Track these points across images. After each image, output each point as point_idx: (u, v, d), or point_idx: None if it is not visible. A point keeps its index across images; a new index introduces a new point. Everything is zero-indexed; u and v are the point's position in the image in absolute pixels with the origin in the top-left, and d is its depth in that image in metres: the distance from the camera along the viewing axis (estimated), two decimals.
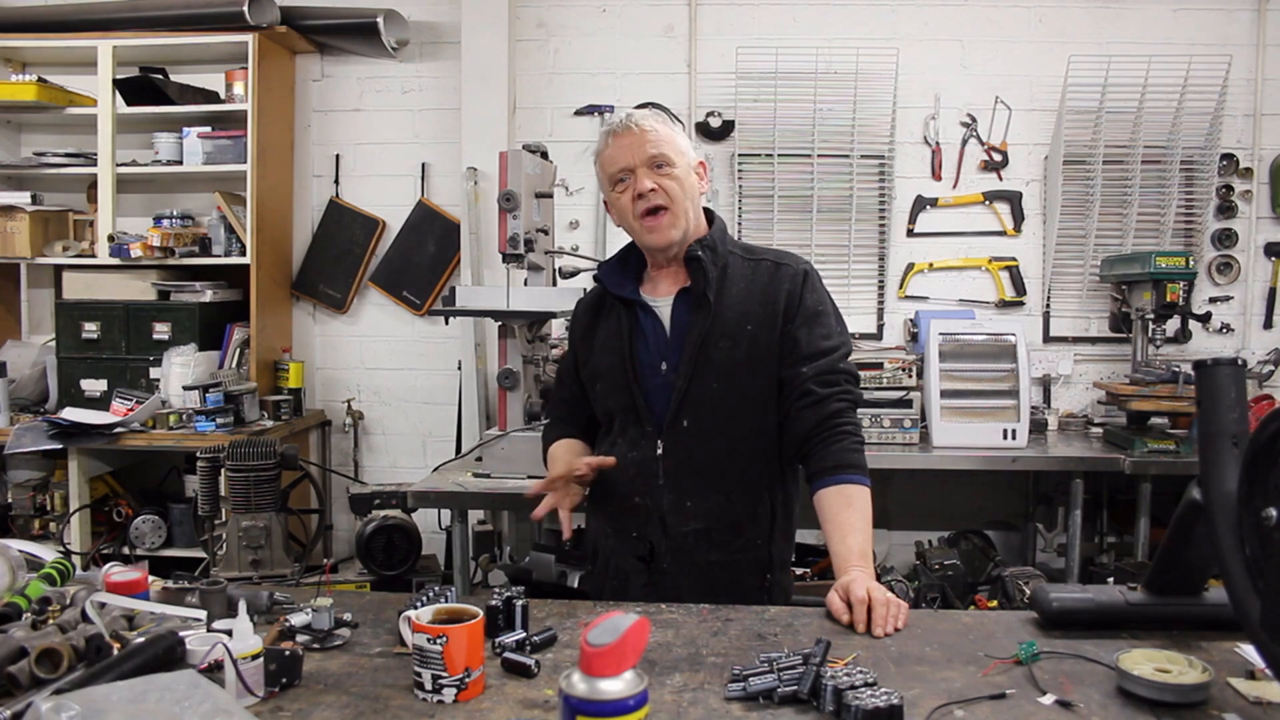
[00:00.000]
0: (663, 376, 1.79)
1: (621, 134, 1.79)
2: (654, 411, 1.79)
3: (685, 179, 1.79)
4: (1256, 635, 1.13)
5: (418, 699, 1.23)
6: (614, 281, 1.88)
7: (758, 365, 1.77)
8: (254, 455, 2.94)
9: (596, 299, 1.96)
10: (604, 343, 1.88)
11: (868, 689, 1.16)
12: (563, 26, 4.06)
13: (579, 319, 2.00)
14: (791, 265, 1.84)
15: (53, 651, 1.23)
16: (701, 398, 1.76)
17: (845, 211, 3.94)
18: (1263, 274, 3.94)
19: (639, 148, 1.77)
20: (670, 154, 1.78)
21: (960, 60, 3.97)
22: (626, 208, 1.79)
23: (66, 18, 3.96)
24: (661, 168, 1.77)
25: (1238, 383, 1.26)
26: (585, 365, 1.93)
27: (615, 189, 1.81)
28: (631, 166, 1.77)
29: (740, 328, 1.77)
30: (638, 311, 1.85)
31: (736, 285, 1.81)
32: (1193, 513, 1.30)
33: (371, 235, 4.14)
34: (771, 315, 1.78)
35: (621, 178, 1.79)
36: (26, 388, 3.97)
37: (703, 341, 1.76)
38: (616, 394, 1.84)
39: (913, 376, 3.43)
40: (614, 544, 1.84)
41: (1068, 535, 3.40)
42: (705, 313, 1.77)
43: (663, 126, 1.80)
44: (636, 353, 1.82)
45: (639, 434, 1.81)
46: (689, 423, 1.77)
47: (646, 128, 1.78)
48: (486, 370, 3.88)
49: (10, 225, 3.89)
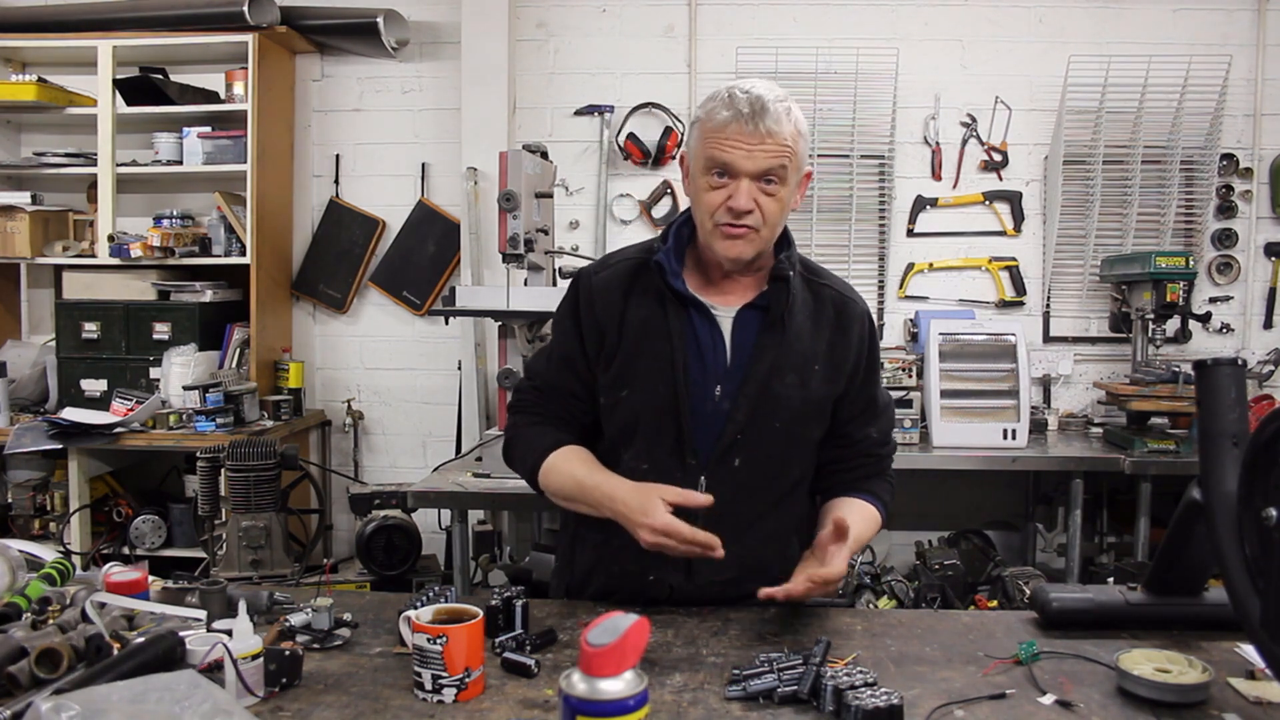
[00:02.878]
0: (715, 404, 1.54)
1: (746, 124, 1.45)
2: (699, 442, 1.54)
3: (789, 200, 1.52)
4: (1256, 635, 1.13)
5: (418, 699, 1.23)
6: (673, 270, 1.56)
7: (821, 408, 1.60)
8: (254, 455, 2.94)
9: (629, 273, 1.60)
10: (640, 339, 1.56)
11: (868, 689, 1.16)
12: (563, 26, 4.06)
13: (600, 294, 1.60)
14: (858, 304, 1.64)
15: (53, 651, 1.23)
16: (760, 437, 1.54)
17: (845, 211, 3.94)
18: (1263, 274, 3.94)
19: (758, 155, 1.46)
20: (789, 169, 1.49)
21: (960, 60, 3.97)
22: (710, 205, 1.50)
23: (66, 18, 3.95)
24: (771, 183, 1.48)
25: (1238, 383, 1.26)
26: (609, 361, 1.59)
27: (708, 174, 1.50)
28: (740, 171, 1.47)
29: (808, 365, 1.56)
30: (691, 313, 1.56)
31: (801, 312, 1.58)
32: (1193, 513, 1.30)
33: (371, 235, 4.14)
34: (839, 361, 1.59)
35: (721, 172, 1.49)
36: (26, 388, 3.97)
37: (770, 373, 1.53)
38: (653, 411, 1.55)
39: (913, 376, 3.43)
40: (618, 584, 1.60)
41: (1068, 535, 3.41)
42: (776, 340, 1.54)
43: (792, 125, 1.48)
44: (689, 367, 1.54)
45: (675, 466, 1.55)
46: (740, 462, 1.54)
47: (778, 129, 1.46)
48: (486, 370, 3.87)
49: (10, 225, 3.89)
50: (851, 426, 1.65)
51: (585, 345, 1.61)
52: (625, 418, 1.59)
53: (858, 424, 1.65)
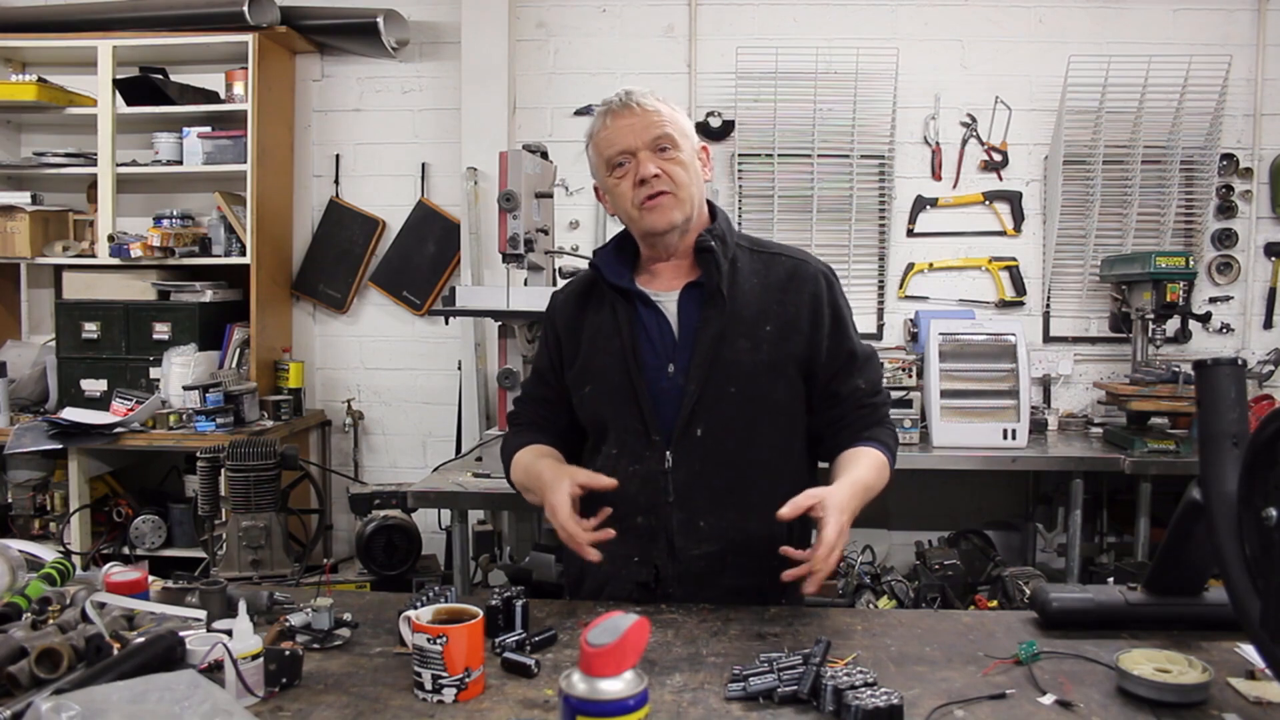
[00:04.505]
0: (669, 379, 1.60)
1: (621, 113, 1.60)
2: (661, 419, 1.60)
3: (691, 164, 1.62)
4: (1256, 635, 1.13)
5: (418, 699, 1.22)
6: (611, 270, 1.67)
7: (780, 369, 1.62)
8: (254, 455, 2.93)
9: (583, 288, 1.75)
10: (595, 339, 1.68)
11: (868, 689, 1.16)
12: (563, 26, 4.06)
13: (560, 309, 1.77)
14: (811, 264, 1.69)
15: (53, 651, 1.23)
16: (717, 404, 1.59)
17: (845, 211, 3.94)
18: (1263, 274, 3.94)
19: (641, 128, 1.58)
20: (675, 136, 1.60)
21: (960, 60, 3.97)
22: (625, 194, 1.61)
23: (66, 18, 3.96)
24: (665, 150, 1.59)
25: (1238, 383, 1.26)
26: (570, 364, 1.72)
27: (613, 174, 1.62)
28: (632, 149, 1.59)
29: (758, 327, 1.61)
30: (637, 305, 1.65)
31: (749, 281, 1.64)
32: (1193, 513, 1.30)
33: (371, 235, 4.14)
34: (794, 317, 1.63)
35: (620, 161, 1.60)
36: (26, 388, 3.97)
37: (717, 341, 1.59)
38: (613, 398, 1.64)
39: (913, 376, 3.43)
40: (608, 570, 1.61)
41: (1068, 535, 3.40)
42: (719, 309, 1.60)
43: (665, 106, 1.62)
44: (640, 352, 1.63)
45: (642, 445, 1.61)
46: (703, 432, 1.59)
47: (649, 106, 1.60)
48: (486, 370, 3.88)
49: (10, 225, 3.89)
50: (836, 383, 1.67)
51: (552, 357, 1.77)
52: (592, 411, 1.70)
53: (841, 379, 1.67)
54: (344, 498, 3.71)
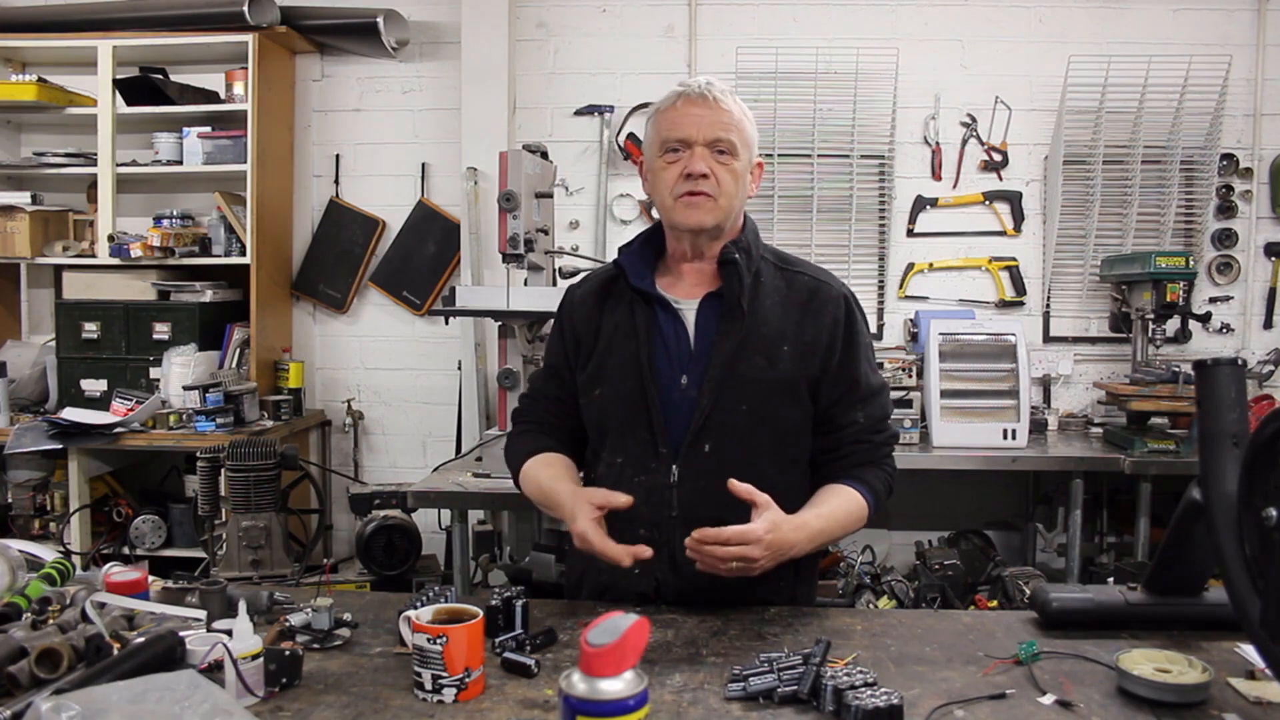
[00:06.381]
0: (681, 391, 1.58)
1: (696, 100, 1.57)
2: (670, 431, 1.58)
3: (742, 175, 1.60)
4: (1256, 635, 1.13)
5: (418, 699, 1.23)
6: (635, 271, 1.64)
7: (793, 390, 1.60)
8: (254, 455, 2.93)
9: (602, 285, 1.71)
10: (612, 340, 1.64)
11: (868, 689, 1.16)
12: (563, 26, 4.06)
13: (578, 305, 1.73)
14: (833, 287, 1.66)
15: (53, 651, 1.23)
16: (727, 420, 1.57)
17: (845, 211, 3.94)
18: (1263, 274, 3.94)
19: (708, 124, 1.56)
20: (737, 142, 1.58)
21: (960, 60, 3.96)
22: (668, 182, 1.58)
23: (66, 18, 3.95)
24: (724, 154, 1.57)
25: (1238, 383, 1.26)
26: (585, 364, 1.68)
27: (663, 156, 1.59)
28: (692, 140, 1.56)
29: (776, 346, 1.59)
30: (656, 310, 1.63)
31: (770, 298, 1.62)
32: (1193, 513, 1.30)
33: (371, 235, 4.14)
34: (812, 341, 1.60)
35: (675, 148, 1.57)
36: (26, 388, 3.97)
37: (733, 356, 1.57)
38: (623, 405, 1.61)
39: (913, 376, 3.43)
40: (608, 580, 1.63)
41: (1068, 535, 3.40)
42: (737, 324, 1.58)
43: (739, 109, 1.60)
44: (655, 359, 1.60)
45: (648, 456, 1.59)
46: (710, 447, 1.57)
47: (724, 105, 1.57)
48: (486, 370, 3.87)
49: (10, 225, 3.89)
50: (835, 411, 1.63)
51: (568, 355, 1.72)
52: (599, 414, 1.66)
53: (841, 408, 1.63)
54: (344, 498, 3.71)
